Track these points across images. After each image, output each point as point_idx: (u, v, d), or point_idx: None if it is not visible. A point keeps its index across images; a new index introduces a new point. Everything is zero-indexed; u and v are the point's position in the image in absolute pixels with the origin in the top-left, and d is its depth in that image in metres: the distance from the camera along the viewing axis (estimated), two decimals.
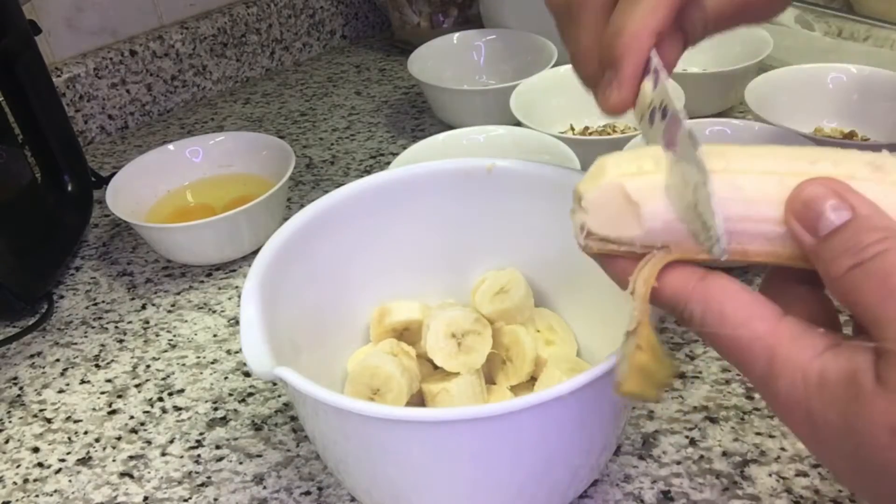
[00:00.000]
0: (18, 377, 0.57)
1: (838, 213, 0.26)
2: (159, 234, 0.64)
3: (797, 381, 0.26)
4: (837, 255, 0.25)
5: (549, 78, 0.76)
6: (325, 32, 1.05)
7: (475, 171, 0.48)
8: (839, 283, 0.25)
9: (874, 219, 0.25)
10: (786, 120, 0.66)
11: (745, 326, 0.27)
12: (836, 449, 0.26)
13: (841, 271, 0.25)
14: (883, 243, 0.25)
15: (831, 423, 0.25)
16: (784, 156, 0.27)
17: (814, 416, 0.26)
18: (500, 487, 0.37)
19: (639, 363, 0.29)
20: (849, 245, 0.25)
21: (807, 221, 0.26)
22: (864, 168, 0.27)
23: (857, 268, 0.25)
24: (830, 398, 0.25)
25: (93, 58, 0.86)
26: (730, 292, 0.27)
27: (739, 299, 0.27)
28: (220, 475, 0.48)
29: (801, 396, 0.26)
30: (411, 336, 0.49)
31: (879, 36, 0.79)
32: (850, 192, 0.26)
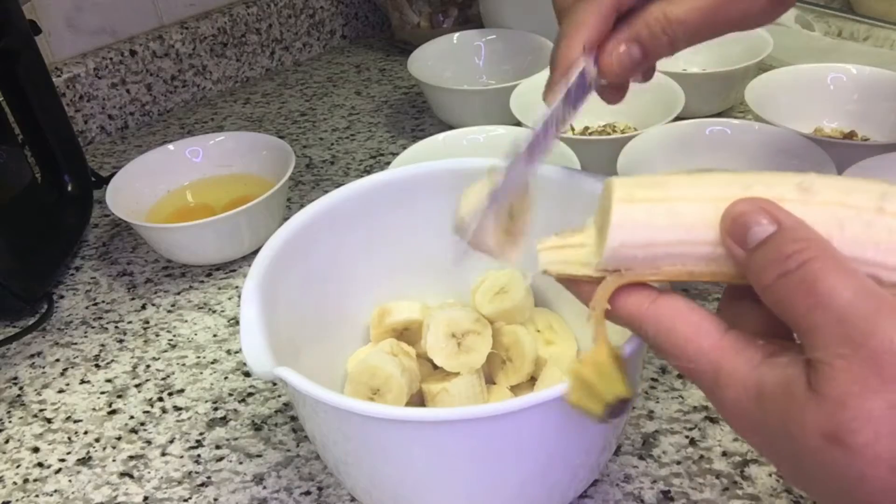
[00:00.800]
0: (18, 377, 0.57)
1: (764, 226, 0.27)
2: (159, 234, 0.64)
3: (739, 392, 0.28)
4: (765, 266, 0.27)
5: None
6: (325, 32, 1.05)
7: (475, 171, 0.48)
8: (769, 292, 0.27)
9: (798, 230, 0.27)
10: (786, 120, 0.66)
11: (691, 342, 0.29)
12: (779, 453, 0.28)
13: (769, 281, 0.27)
14: (805, 252, 0.26)
15: (772, 430, 0.27)
16: (720, 182, 0.29)
17: (756, 423, 0.28)
18: (500, 487, 0.37)
19: (577, 373, 0.32)
20: (774, 255, 0.27)
21: (737, 236, 0.28)
22: (793, 190, 0.28)
23: (783, 278, 0.26)
24: (769, 407, 0.27)
25: (93, 58, 0.86)
26: (679, 312, 0.30)
27: (686, 319, 0.29)
28: (220, 475, 0.48)
29: (746, 406, 0.28)
30: (411, 336, 0.49)
31: (879, 36, 0.79)
32: (776, 208, 0.28)
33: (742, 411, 0.28)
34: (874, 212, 0.27)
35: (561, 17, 0.38)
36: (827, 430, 0.25)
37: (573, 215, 0.43)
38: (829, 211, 0.28)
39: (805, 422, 0.25)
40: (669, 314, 0.30)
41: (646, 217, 0.29)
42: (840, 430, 0.24)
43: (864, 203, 0.28)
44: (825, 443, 0.25)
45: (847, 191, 0.28)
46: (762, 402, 0.27)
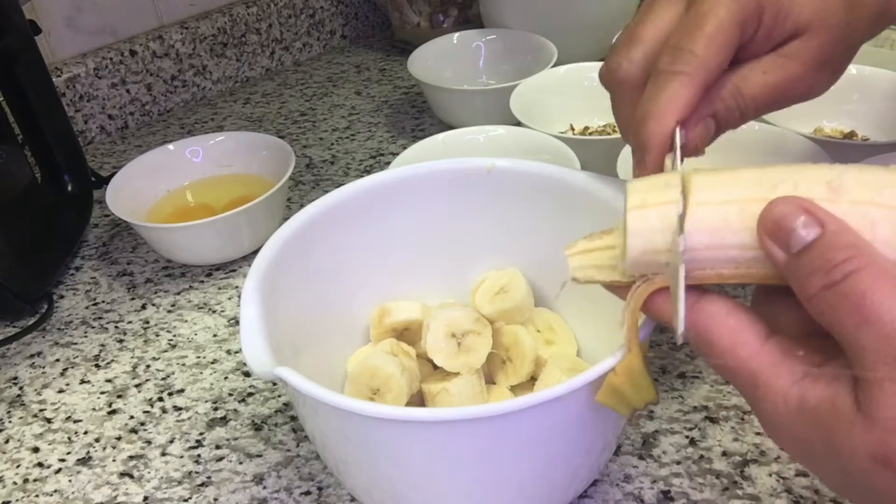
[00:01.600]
0: (18, 377, 0.57)
1: (808, 229, 0.26)
2: (159, 234, 0.64)
3: (779, 406, 0.27)
4: (809, 273, 0.26)
5: (549, 78, 0.76)
6: (325, 32, 1.05)
7: (475, 171, 0.48)
8: (813, 302, 0.26)
9: (842, 235, 0.26)
10: (786, 120, 0.66)
11: (729, 353, 0.28)
12: (824, 467, 0.27)
13: (814, 290, 0.26)
14: (852, 262, 0.25)
15: (816, 446, 0.27)
16: (747, 181, 0.29)
17: (799, 438, 0.27)
18: (500, 487, 0.37)
19: (611, 383, 0.33)
20: (820, 263, 0.26)
21: (779, 239, 0.27)
22: (822, 189, 0.28)
23: (829, 289, 0.26)
24: (812, 423, 0.26)
25: (93, 58, 0.86)
26: (716, 319, 0.29)
27: (724, 326, 0.29)
28: (220, 475, 0.48)
29: (785, 420, 0.27)
30: (411, 336, 0.49)
31: (879, 36, 0.79)
32: (818, 208, 0.27)
33: (782, 424, 0.27)
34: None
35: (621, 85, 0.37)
36: (877, 454, 0.25)
37: (587, 223, 0.43)
38: (860, 210, 0.27)
39: (854, 442, 0.25)
40: (706, 321, 0.29)
41: (661, 223, 0.29)
42: (891, 454, 0.24)
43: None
44: (874, 465, 0.25)
45: (879, 187, 0.27)
46: (805, 417, 0.27)
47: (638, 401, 0.33)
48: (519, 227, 0.49)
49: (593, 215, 0.44)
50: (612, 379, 0.32)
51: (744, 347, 0.28)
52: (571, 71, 0.76)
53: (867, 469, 0.25)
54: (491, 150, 0.66)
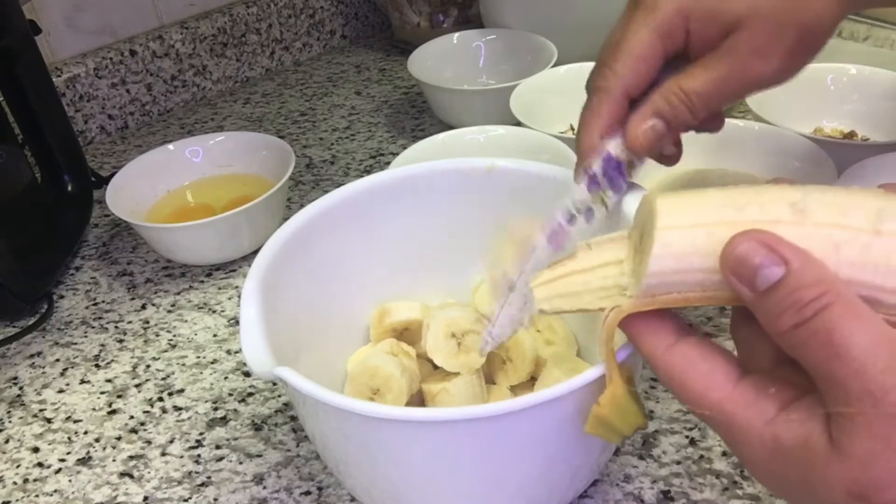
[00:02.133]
0: (18, 377, 0.57)
1: (772, 269, 0.26)
2: (159, 234, 0.64)
3: (755, 446, 0.28)
4: (779, 313, 0.26)
5: (549, 78, 0.76)
6: (325, 32, 1.05)
7: (475, 171, 0.48)
8: (784, 338, 0.26)
9: (808, 271, 0.26)
10: (786, 120, 0.66)
11: (703, 397, 0.29)
12: (803, 502, 0.28)
13: (784, 328, 0.26)
14: (822, 299, 0.25)
15: (793, 483, 0.27)
16: (713, 203, 0.29)
17: (777, 477, 0.28)
18: (500, 487, 0.37)
19: (596, 415, 0.32)
20: (789, 302, 0.26)
21: (743, 278, 0.27)
22: (787, 211, 0.28)
23: (798, 327, 0.26)
24: (788, 462, 0.27)
25: (93, 58, 0.86)
26: (691, 363, 0.29)
27: (698, 370, 0.29)
28: (220, 475, 0.48)
29: (762, 460, 0.28)
30: (411, 336, 0.49)
31: (879, 36, 0.79)
32: (781, 244, 0.27)
33: (759, 463, 0.28)
34: (871, 233, 0.27)
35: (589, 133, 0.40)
36: (853, 489, 0.25)
37: None
38: (824, 233, 0.27)
39: (829, 479, 0.25)
40: (680, 365, 0.29)
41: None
42: (866, 489, 0.25)
43: (860, 224, 0.27)
44: (851, 500, 0.25)
45: (843, 210, 0.27)
46: (780, 456, 0.27)
47: (626, 428, 0.33)
48: None
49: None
50: (597, 411, 0.32)
51: (717, 391, 0.28)
52: (571, 71, 0.76)
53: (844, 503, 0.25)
54: (491, 150, 0.66)
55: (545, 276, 0.33)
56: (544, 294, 0.33)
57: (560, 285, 0.32)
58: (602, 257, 0.32)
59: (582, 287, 0.32)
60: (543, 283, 0.33)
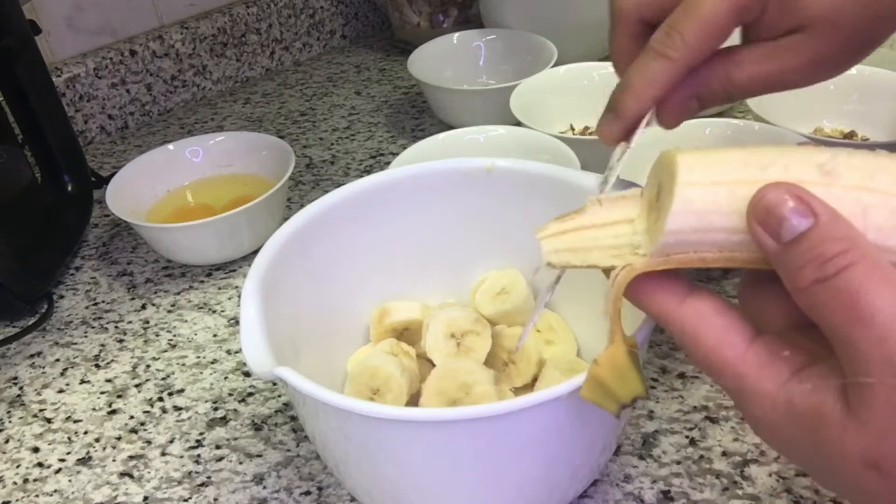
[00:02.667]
0: (18, 377, 0.57)
1: (800, 219, 0.25)
2: (159, 234, 0.64)
3: (766, 410, 0.27)
4: (801, 266, 0.25)
5: (549, 78, 0.76)
6: (325, 32, 1.05)
7: (475, 171, 0.48)
8: (804, 294, 0.26)
9: (835, 226, 0.25)
10: (786, 120, 0.66)
11: (715, 353, 0.28)
12: (814, 467, 0.27)
13: (805, 283, 0.25)
14: (846, 256, 0.25)
15: (805, 449, 0.26)
16: (736, 161, 0.28)
17: (787, 440, 0.27)
18: (500, 487, 0.37)
19: (594, 375, 0.31)
20: (812, 255, 0.25)
21: (769, 227, 0.26)
22: (814, 172, 0.27)
23: (821, 283, 0.25)
24: (801, 427, 0.26)
25: (93, 58, 0.86)
26: (704, 318, 0.28)
27: (711, 325, 0.28)
28: (220, 475, 0.48)
29: (773, 423, 0.27)
30: (411, 336, 0.49)
31: None
32: (811, 197, 0.26)
33: (770, 427, 0.27)
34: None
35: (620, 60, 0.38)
36: (868, 458, 0.24)
37: None
38: (852, 195, 0.26)
39: (844, 447, 0.25)
40: (693, 319, 0.28)
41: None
42: (882, 459, 0.24)
43: (889, 187, 0.26)
44: (865, 469, 0.24)
45: (870, 172, 0.26)
46: (793, 420, 0.26)
47: (624, 395, 0.31)
48: (519, 227, 0.48)
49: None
50: (594, 371, 0.31)
51: (730, 348, 0.28)
52: (571, 71, 0.76)
53: (858, 473, 0.25)
54: (491, 150, 0.66)
55: (553, 228, 0.31)
56: (553, 246, 0.31)
57: (569, 239, 0.31)
58: (613, 215, 0.31)
59: (592, 243, 0.30)
60: (552, 235, 0.31)
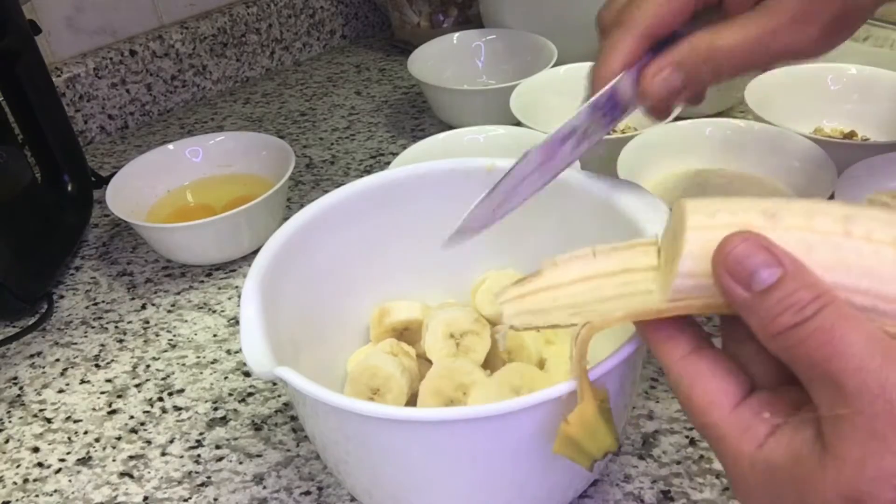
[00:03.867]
0: (18, 377, 0.57)
1: (770, 270, 0.26)
2: (159, 234, 0.64)
3: (746, 472, 0.27)
4: (778, 313, 0.26)
5: (549, 78, 0.76)
6: (325, 32, 1.05)
7: (475, 171, 0.48)
8: (780, 339, 0.26)
9: (803, 274, 0.26)
10: (786, 120, 0.66)
11: (704, 414, 0.29)
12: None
13: (782, 328, 0.26)
14: (819, 300, 0.25)
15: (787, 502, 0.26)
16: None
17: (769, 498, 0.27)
18: (500, 487, 0.37)
19: (564, 433, 0.32)
20: (789, 302, 0.26)
21: (739, 277, 0.26)
22: (759, 217, 0.28)
23: (798, 326, 0.25)
24: (780, 483, 0.26)
25: (93, 58, 0.86)
26: (699, 377, 0.29)
27: (703, 387, 0.29)
28: (220, 475, 0.48)
29: (754, 484, 0.27)
30: (411, 336, 0.49)
31: (879, 36, 0.79)
32: (775, 247, 0.26)
33: (752, 488, 0.27)
34: (841, 235, 0.27)
35: (601, 39, 0.39)
36: (849, 495, 0.24)
37: (587, 223, 0.43)
38: (795, 236, 0.27)
39: (824, 489, 0.25)
40: (691, 376, 0.29)
41: None
42: (861, 494, 0.24)
43: (829, 227, 0.27)
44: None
45: (810, 215, 0.27)
46: (772, 479, 0.27)
47: (596, 450, 0.32)
48: (519, 227, 0.49)
49: (593, 215, 0.44)
50: (565, 429, 0.31)
51: (717, 410, 0.28)
52: (571, 71, 0.76)
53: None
54: (491, 150, 0.66)
55: (513, 293, 0.32)
56: (514, 310, 0.32)
57: (529, 302, 0.32)
58: (569, 275, 0.32)
59: (550, 304, 0.31)
60: (511, 300, 0.32)
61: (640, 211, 0.41)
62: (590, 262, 0.32)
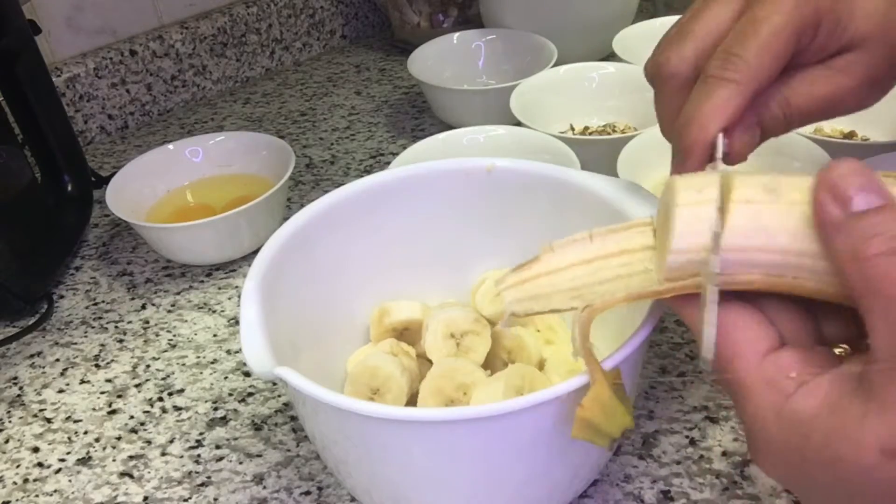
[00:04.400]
0: (18, 377, 0.57)
1: (871, 196, 0.26)
2: (159, 234, 0.64)
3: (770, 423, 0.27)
4: (871, 235, 0.25)
5: (549, 78, 0.76)
6: (325, 32, 1.05)
7: (475, 171, 0.48)
8: (863, 265, 0.25)
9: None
10: None
11: (728, 365, 0.28)
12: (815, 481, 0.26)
13: (869, 253, 0.25)
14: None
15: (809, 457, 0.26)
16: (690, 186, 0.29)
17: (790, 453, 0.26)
18: (500, 487, 0.37)
19: (581, 418, 0.32)
20: (884, 228, 0.25)
21: (838, 194, 0.26)
22: (759, 191, 0.28)
23: (888, 255, 0.24)
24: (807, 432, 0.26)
25: (93, 58, 0.86)
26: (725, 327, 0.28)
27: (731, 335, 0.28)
28: (220, 475, 0.48)
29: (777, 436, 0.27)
30: (411, 336, 0.49)
31: None
32: (880, 180, 0.26)
33: (773, 441, 0.27)
34: None
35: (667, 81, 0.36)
36: (888, 445, 0.24)
37: (587, 223, 0.43)
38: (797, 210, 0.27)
39: (861, 436, 0.24)
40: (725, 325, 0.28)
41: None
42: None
43: None
44: (884, 458, 0.24)
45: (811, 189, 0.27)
46: (803, 430, 0.26)
47: (614, 429, 0.32)
48: (519, 227, 0.49)
49: (593, 215, 0.44)
50: (582, 413, 0.32)
51: (742, 361, 0.28)
52: (571, 71, 0.76)
53: (874, 467, 0.24)
54: (491, 150, 0.66)
55: (512, 280, 0.32)
56: (514, 296, 0.32)
57: (529, 287, 0.32)
58: (566, 259, 0.32)
59: (550, 288, 0.32)
60: (512, 286, 0.32)
61: (640, 211, 0.41)
62: (587, 246, 0.32)
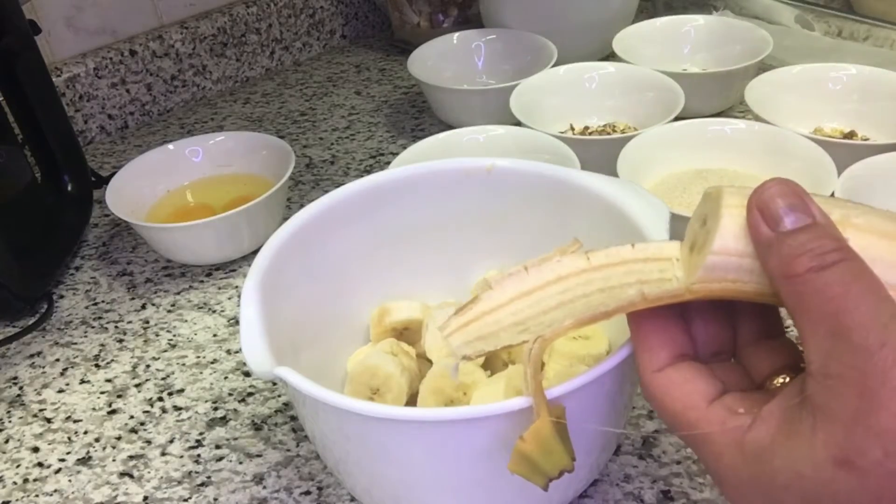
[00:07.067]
0: (18, 377, 0.57)
1: (798, 215, 0.27)
2: (159, 234, 0.64)
3: (735, 458, 0.27)
4: (799, 254, 0.26)
5: (549, 78, 0.76)
6: (325, 32, 1.05)
7: (475, 171, 0.48)
8: (794, 281, 0.26)
9: (830, 228, 0.27)
10: (786, 120, 0.66)
11: (681, 419, 0.29)
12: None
13: (800, 270, 0.26)
14: (840, 252, 0.26)
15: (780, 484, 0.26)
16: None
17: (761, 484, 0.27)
18: (500, 487, 0.37)
19: (519, 451, 0.31)
20: (811, 245, 0.26)
21: (768, 215, 0.27)
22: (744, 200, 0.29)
23: (819, 270, 0.26)
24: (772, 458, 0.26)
25: (93, 58, 0.86)
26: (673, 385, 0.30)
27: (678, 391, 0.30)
28: (220, 475, 0.48)
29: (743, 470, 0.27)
30: (411, 336, 0.49)
31: (879, 36, 0.79)
32: (808, 197, 0.28)
33: (742, 476, 0.27)
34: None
35: None
36: (837, 455, 0.24)
37: (587, 222, 0.43)
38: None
39: (814, 452, 0.25)
40: (663, 388, 0.30)
41: None
42: (849, 453, 0.24)
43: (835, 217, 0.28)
44: (837, 469, 0.24)
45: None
46: (763, 457, 0.26)
47: (551, 468, 0.31)
48: (519, 227, 0.49)
49: (593, 215, 0.44)
50: (520, 446, 0.31)
51: (693, 411, 0.29)
52: (571, 71, 0.76)
53: (830, 479, 0.24)
54: (491, 150, 0.66)
55: (455, 323, 0.32)
56: (461, 340, 0.32)
57: (473, 329, 0.32)
58: (505, 294, 0.32)
59: (496, 326, 0.31)
60: (456, 330, 0.32)
61: (640, 211, 0.41)
62: (524, 278, 0.32)
